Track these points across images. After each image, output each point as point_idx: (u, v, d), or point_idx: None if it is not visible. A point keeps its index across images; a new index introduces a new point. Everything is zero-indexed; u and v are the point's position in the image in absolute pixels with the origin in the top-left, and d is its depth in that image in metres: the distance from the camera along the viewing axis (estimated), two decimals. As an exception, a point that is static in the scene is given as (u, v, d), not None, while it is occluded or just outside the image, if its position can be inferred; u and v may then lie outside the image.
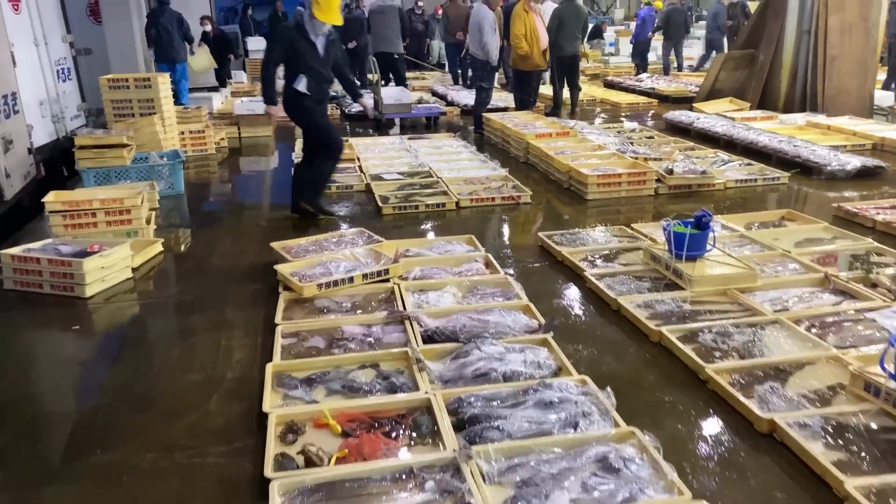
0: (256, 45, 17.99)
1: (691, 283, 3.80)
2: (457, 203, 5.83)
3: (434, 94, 13.15)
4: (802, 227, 4.94)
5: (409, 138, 8.64)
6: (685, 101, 11.46)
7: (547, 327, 3.36)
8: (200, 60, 12.71)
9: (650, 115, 10.68)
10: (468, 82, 14.39)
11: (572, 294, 4.02)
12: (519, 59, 8.95)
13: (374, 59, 9.98)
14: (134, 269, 4.49)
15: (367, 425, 2.68)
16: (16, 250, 4.31)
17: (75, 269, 4.09)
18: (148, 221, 5.15)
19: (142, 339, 3.70)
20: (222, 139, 8.85)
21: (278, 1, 20.32)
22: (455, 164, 7.27)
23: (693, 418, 2.80)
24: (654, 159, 6.71)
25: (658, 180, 6.09)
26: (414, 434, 2.64)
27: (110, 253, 4.27)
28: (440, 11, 17.87)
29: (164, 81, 7.64)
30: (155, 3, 11.73)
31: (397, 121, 10.13)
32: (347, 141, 8.37)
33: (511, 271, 4.29)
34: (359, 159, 7.47)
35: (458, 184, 6.36)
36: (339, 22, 5.24)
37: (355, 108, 10.96)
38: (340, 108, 11.52)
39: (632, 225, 5.02)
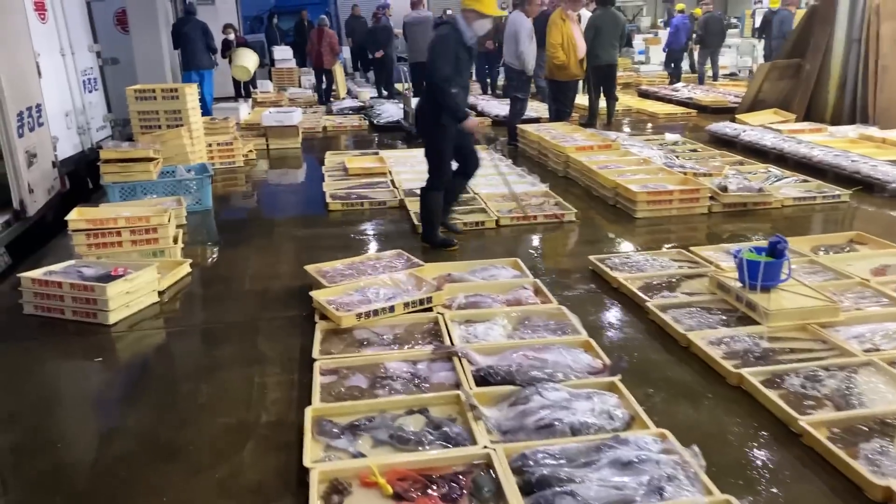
0: (283, 54, 17.87)
1: (767, 317, 3.45)
2: (496, 221, 5.52)
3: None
4: (876, 251, 4.56)
5: (442, 151, 8.35)
6: (725, 112, 11.05)
7: (614, 369, 3.03)
8: (252, 58, 12.72)
9: (691, 126, 10.30)
10: (496, 91, 14.15)
11: (633, 327, 3.68)
12: (555, 69, 8.63)
13: (404, 69, 9.72)
14: (160, 293, 4.23)
15: (422, 486, 2.37)
16: (37, 273, 4.07)
17: (98, 294, 3.83)
18: (175, 240, 4.90)
19: (168, 375, 3.42)
20: (251, 151, 8.63)
21: (304, 10, 20.26)
22: (491, 178, 6.95)
23: (790, 481, 2.45)
24: (704, 175, 6.35)
25: (711, 198, 5.74)
26: (474, 497, 2.32)
27: (135, 277, 4.01)
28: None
29: (191, 92, 7.43)
30: (182, 13, 11.94)
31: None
32: (378, 154, 8.14)
33: (562, 299, 3.96)
34: (390, 173, 7.19)
35: (497, 200, 6.06)
36: (501, 12, 4.84)
37: (384, 117, 10.75)
38: (368, 118, 11.27)
39: (690, 248, 4.67)
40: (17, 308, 4.05)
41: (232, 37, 13.38)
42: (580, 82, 9.83)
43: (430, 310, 3.74)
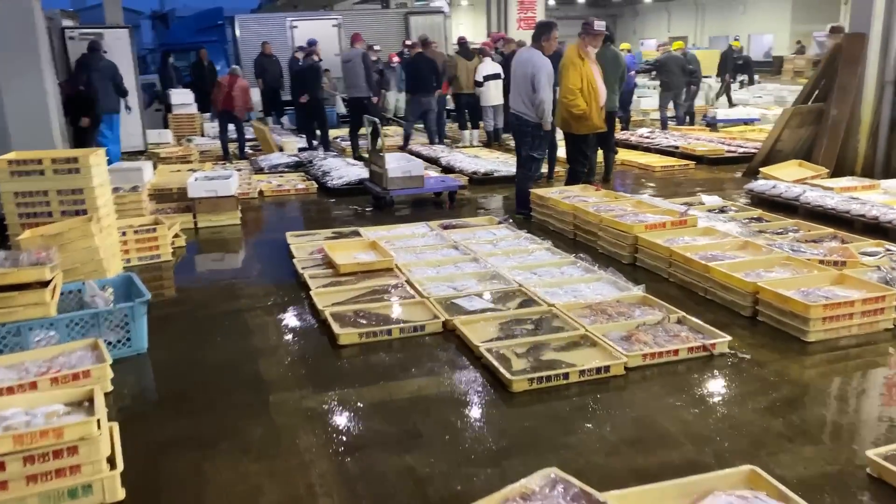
0: (182, 98, 15.24)
1: None
2: (625, 365, 3.59)
3: (417, 156, 10.86)
4: None
5: (444, 227, 6.36)
6: (725, 163, 9.75)
7: None
8: None
9: (698, 180, 8.83)
10: (444, 141, 12.37)
11: None
12: (572, 120, 6.89)
13: (374, 120, 7.71)
14: None
15: None
16: None
17: None
18: (112, 460, 2.64)
19: None
20: (177, 235, 6.29)
21: (202, 48, 17.77)
22: (540, 270, 5.05)
23: None
24: (834, 263, 4.72)
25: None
26: None
27: None
28: (395, 59, 15.87)
29: (97, 163, 5.07)
30: (86, 49, 10.32)
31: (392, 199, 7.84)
32: (362, 236, 6.05)
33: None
34: (399, 269, 5.13)
35: (585, 315, 4.16)
36: None
37: (338, 178, 8.66)
38: (315, 179, 9.09)
39: None
40: None
41: None
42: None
43: None
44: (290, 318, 4.49)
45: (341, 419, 3.21)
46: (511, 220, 6.48)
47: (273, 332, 4.28)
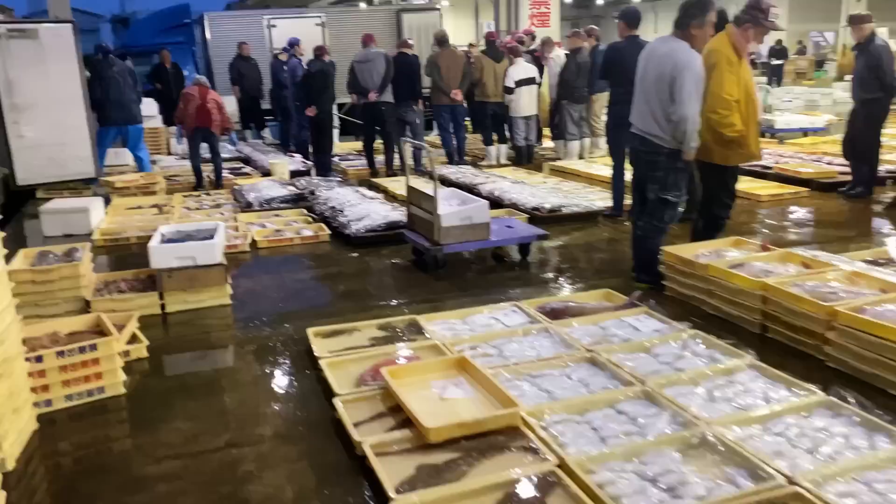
0: (143, 109, 12.69)
1: None
2: None
3: (443, 182, 8.60)
4: None
5: (547, 313, 4.12)
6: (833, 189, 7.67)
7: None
8: None
9: (838, 215, 6.70)
10: (464, 159, 10.16)
11: None
12: (719, 146, 4.69)
13: (421, 145, 5.46)
14: None
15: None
16: None
17: None
18: None
19: None
20: (133, 339, 3.96)
21: (164, 49, 15.22)
22: (777, 425, 2.85)
23: None
24: None
25: None
26: None
27: None
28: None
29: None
30: (99, 54, 9.32)
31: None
32: (433, 336, 3.79)
33: None
34: (533, 430, 2.88)
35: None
36: None
37: (357, 220, 6.38)
38: (326, 220, 6.77)
39: None
40: None
41: None
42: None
43: None
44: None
45: None
46: (653, 302, 4.25)
47: None
